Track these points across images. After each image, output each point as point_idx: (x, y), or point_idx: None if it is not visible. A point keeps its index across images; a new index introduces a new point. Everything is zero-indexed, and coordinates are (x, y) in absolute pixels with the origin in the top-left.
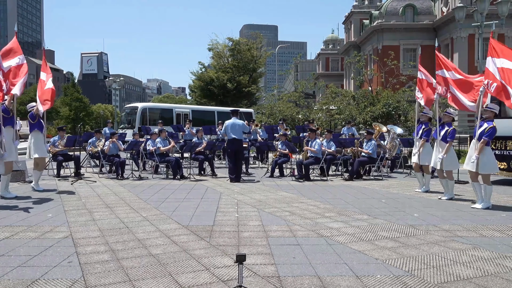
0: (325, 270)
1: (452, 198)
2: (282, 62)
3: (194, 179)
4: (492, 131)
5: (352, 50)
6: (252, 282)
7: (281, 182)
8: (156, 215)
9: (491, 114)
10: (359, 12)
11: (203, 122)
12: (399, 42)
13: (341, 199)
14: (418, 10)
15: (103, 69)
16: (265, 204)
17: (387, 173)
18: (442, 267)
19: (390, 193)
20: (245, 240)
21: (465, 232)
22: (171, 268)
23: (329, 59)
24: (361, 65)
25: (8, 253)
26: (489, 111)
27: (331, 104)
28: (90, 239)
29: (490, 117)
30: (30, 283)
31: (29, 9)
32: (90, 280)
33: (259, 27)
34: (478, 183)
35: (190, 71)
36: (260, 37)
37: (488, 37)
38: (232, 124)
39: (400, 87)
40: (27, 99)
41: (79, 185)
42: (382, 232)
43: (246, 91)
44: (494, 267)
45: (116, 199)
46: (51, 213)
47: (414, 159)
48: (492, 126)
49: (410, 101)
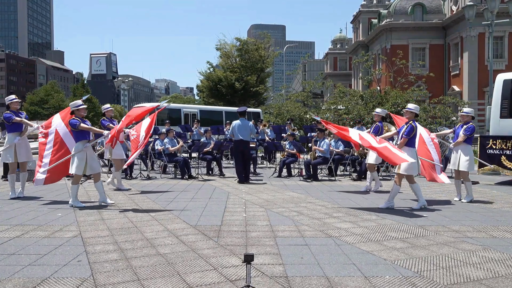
0: (333, 271)
1: (472, 201)
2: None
3: (202, 179)
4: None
5: (360, 50)
6: (260, 282)
7: (289, 182)
8: (164, 215)
9: (468, 118)
10: (367, 11)
11: (211, 122)
12: (408, 42)
13: (349, 199)
14: (427, 9)
15: (111, 70)
16: (273, 204)
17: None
18: (451, 268)
19: (399, 193)
20: (253, 240)
21: (475, 233)
22: (179, 267)
23: (337, 58)
24: (369, 65)
25: (18, 252)
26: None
27: (339, 104)
28: (99, 238)
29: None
30: (40, 282)
31: (39, 10)
32: (99, 279)
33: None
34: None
35: (198, 71)
36: (268, 37)
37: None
38: (239, 125)
39: (408, 86)
40: (37, 99)
41: (88, 184)
42: (390, 233)
43: (254, 91)
44: (505, 269)
45: (125, 198)
46: (61, 213)
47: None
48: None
49: (419, 100)
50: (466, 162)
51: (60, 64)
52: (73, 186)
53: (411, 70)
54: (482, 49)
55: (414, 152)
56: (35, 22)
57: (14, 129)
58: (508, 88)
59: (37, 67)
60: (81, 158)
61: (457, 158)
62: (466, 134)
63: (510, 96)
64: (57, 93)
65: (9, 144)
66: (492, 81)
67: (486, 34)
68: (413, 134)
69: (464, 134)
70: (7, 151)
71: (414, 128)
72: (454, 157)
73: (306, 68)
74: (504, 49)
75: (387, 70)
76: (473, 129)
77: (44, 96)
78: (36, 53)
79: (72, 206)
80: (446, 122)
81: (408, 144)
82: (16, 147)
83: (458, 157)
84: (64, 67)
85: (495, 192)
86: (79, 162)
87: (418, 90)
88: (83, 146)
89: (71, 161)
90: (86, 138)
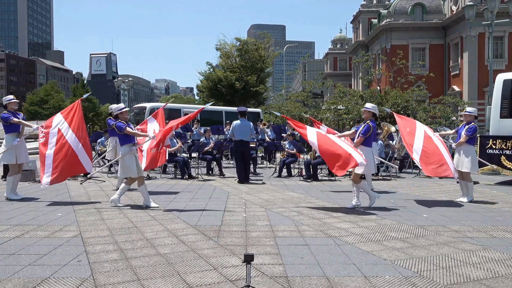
0: (333, 271)
1: (472, 201)
2: (290, 62)
3: (202, 179)
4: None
5: (360, 50)
6: (260, 282)
7: (289, 182)
8: (164, 215)
9: (470, 117)
10: (367, 11)
11: (211, 122)
12: (408, 41)
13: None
14: (427, 9)
15: (111, 70)
16: (273, 204)
17: (395, 173)
18: (451, 268)
19: (398, 193)
20: (253, 240)
21: (475, 233)
22: (179, 267)
23: (337, 58)
24: (369, 65)
25: (18, 252)
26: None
27: (339, 104)
28: (99, 238)
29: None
30: (40, 282)
31: (38, 10)
32: (99, 279)
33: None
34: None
35: (198, 71)
36: (267, 37)
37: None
38: (239, 125)
39: (408, 86)
40: (37, 99)
41: (88, 184)
42: (390, 233)
43: (254, 91)
44: (505, 269)
45: (125, 198)
46: (61, 213)
47: None
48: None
49: (418, 100)
50: (469, 162)
51: (60, 64)
52: (126, 186)
53: (411, 70)
54: (482, 49)
55: (370, 152)
56: (35, 22)
57: (12, 130)
58: (508, 88)
59: (37, 67)
60: (131, 161)
61: (460, 159)
62: (468, 134)
63: (510, 96)
64: (57, 93)
65: (8, 145)
66: (492, 81)
67: (486, 34)
68: (369, 133)
69: (466, 135)
70: (7, 153)
71: (370, 128)
72: (457, 158)
73: (306, 68)
74: (504, 49)
75: (387, 70)
76: (475, 129)
77: (44, 96)
78: (36, 53)
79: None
80: (446, 122)
81: (365, 144)
82: (15, 148)
83: (461, 158)
84: (64, 67)
85: (495, 192)
86: (130, 165)
87: (418, 90)
88: (130, 149)
89: (120, 165)
90: (132, 142)
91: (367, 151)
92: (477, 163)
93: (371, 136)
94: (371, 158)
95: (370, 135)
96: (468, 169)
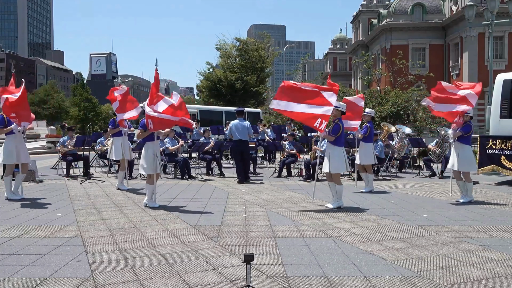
0: (333, 271)
1: (472, 201)
2: (290, 62)
3: (202, 179)
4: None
5: (360, 50)
6: (260, 282)
7: (288, 182)
8: (164, 215)
9: (467, 117)
10: (367, 11)
11: (211, 122)
12: (408, 42)
13: (349, 199)
14: (427, 9)
15: (111, 70)
16: (272, 204)
17: (395, 173)
18: (451, 268)
19: (398, 193)
20: (253, 240)
21: (475, 233)
22: (179, 267)
23: (337, 58)
24: (369, 65)
25: (18, 252)
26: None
27: None
28: (99, 238)
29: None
30: (40, 282)
31: (38, 10)
32: (99, 279)
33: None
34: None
35: (198, 71)
36: (267, 37)
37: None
38: (236, 125)
39: (408, 86)
40: (37, 99)
41: (88, 184)
42: (390, 233)
43: (254, 91)
44: (504, 269)
45: (125, 198)
46: (61, 213)
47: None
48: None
49: (418, 100)
50: (466, 162)
51: (60, 64)
52: (149, 186)
53: (411, 70)
54: (482, 49)
55: (341, 151)
56: (35, 22)
57: (10, 131)
58: (508, 88)
59: (37, 67)
60: (151, 158)
61: (455, 158)
62: (462, 130)
63: (510, 96)
64: (57, 93)
65: (8, 146)
66: (492, 81)
67: (486, 34)
68: (339, 133)
69: (460, 131)
70: (7, 153)
71: (340, 127)
72: (452, 158)
73: (306, 68)
74: (504, 49)
75: (387, 70)
76: (470, 127)
77: (44, 96)
78: (36, 53)
79: (147, 206)
80: (446, 122)
81: (336, 143)
82: (16, 148)
83: (455, 158)
84: (64, 67)
85: (495, 192)
86: (152, 161)
87: (418, 90)
88: (153, 146)
89: (140, 163)
90: (153, 140)
91: (338, 151)
92: (474, 162)
93: (341, 136)
94: (343, 157)
95: (340, 135)
96: (466, 168)
